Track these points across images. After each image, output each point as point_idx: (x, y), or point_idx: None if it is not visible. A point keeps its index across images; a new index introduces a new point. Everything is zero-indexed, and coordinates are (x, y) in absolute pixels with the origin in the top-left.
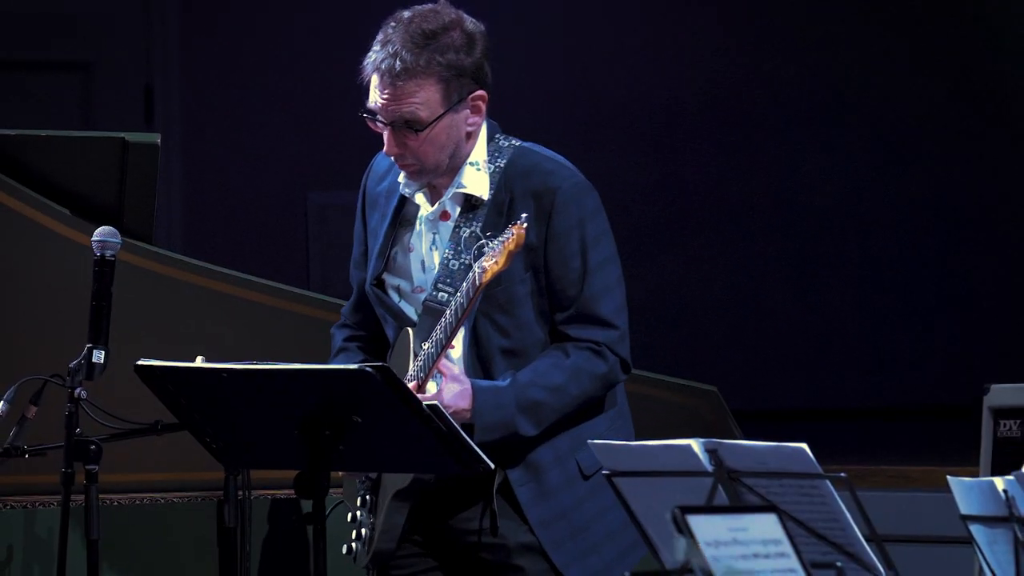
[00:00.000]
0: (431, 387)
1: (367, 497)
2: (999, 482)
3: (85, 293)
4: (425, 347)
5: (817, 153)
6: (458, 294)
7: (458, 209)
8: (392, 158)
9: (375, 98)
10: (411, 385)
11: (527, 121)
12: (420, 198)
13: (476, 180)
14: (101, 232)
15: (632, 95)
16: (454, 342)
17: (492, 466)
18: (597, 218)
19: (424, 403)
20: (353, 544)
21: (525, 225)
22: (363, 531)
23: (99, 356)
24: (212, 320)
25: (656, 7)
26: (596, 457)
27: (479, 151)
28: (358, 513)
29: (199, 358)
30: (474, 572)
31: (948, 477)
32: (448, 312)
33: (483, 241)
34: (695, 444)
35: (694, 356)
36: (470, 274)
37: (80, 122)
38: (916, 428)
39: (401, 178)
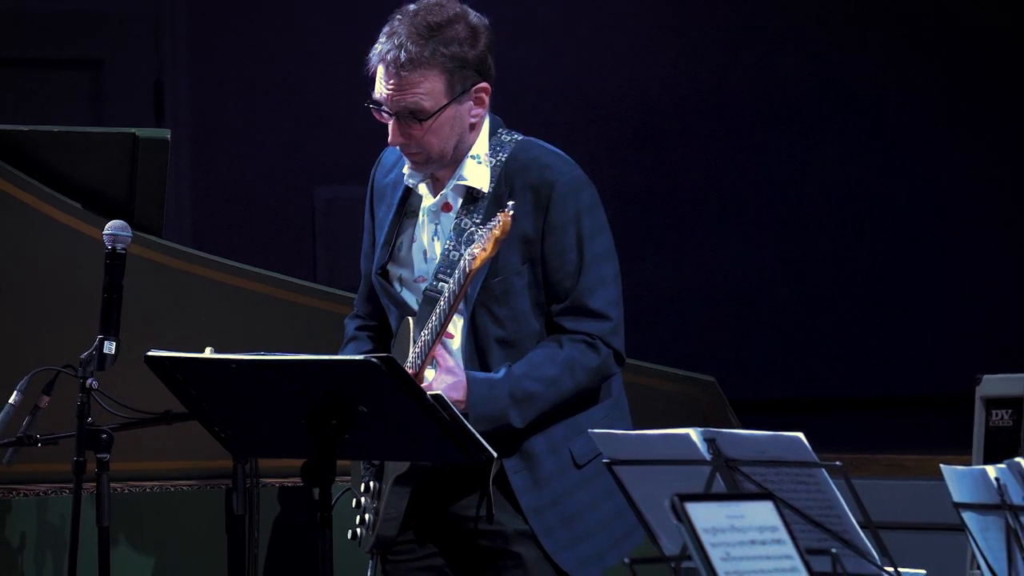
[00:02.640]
0: (428, 375)
1: (371, 484)
2: (991, 470)
3: (96, 285)
4: (423, 335)
5: (813, 145)
6: (451, 281)
7: (460, 201)
8: (398, 148)
9: (380, 89)
10: (409, 373)
11: (518, 117)
12: (423, 189)
13: (477, 173)
14: (112, 226)
15: (629, 90)
16: (454, 332)
17: (495, 455)
18: (594, 213)
19: (428, 393)
20: (358, 529)
21: (511, 212)
22: (367, 516)
23: (110, 347)
24: (221, 312)
25: (647, 2)
26: (589, 447)
27: (481, 144)
28: (363, 499)
29: (208, 349)
30: (473, 559)
31: (941, 466)
32: (442, 300)
33: (472, 229)
34: (694, 433)
35: (693, 347)
36: (461, 261)
37: (91, 118)
38: (910, 418)
39: (405, 169)
